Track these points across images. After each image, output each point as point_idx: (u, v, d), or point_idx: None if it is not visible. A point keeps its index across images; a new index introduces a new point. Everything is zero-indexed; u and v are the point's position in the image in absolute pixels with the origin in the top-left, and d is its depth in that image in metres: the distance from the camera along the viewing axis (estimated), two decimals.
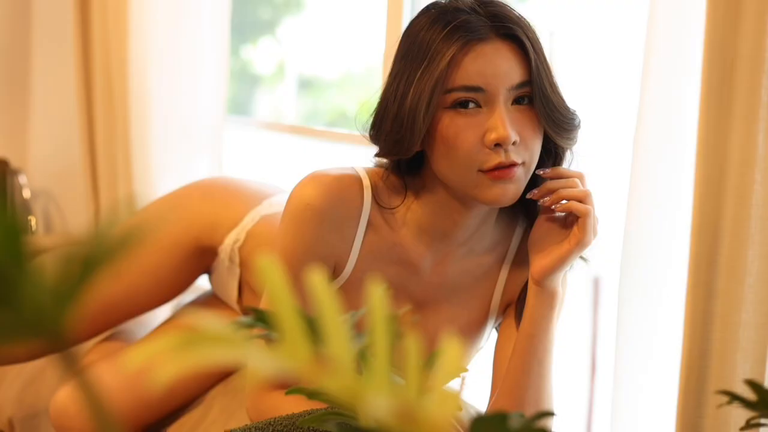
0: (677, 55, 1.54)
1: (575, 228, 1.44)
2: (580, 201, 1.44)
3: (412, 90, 1.40)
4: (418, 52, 1.41)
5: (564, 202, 1.46)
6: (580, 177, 1.47)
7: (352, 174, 1.52)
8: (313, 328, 0.76)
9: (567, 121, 1.44)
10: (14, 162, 3.22)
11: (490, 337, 1.66)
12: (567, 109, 1.45)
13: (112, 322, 1.94)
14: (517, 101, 1.42)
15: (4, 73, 3.33)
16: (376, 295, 0.71)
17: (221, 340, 0.68)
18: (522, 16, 1.43)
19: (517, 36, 1.40)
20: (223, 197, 1.87)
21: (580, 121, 1.47)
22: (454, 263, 1.56)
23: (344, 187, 1.49)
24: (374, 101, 1.50)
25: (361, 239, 1.51)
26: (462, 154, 1.40)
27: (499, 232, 1.59)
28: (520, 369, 1.48)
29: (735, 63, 1.41)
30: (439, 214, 1.51)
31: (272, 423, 1.46)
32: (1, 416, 2.32)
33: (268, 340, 1.00)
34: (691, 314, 1.45)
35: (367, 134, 1.50)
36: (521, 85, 1.41)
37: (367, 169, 1.55)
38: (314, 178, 1.49)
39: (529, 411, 1.47)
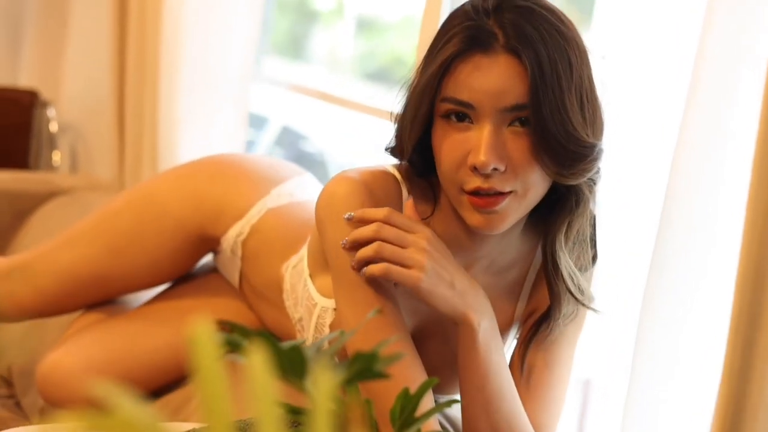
0: (729, 81, 1.40)
1: None
2: (387, 258, 1.28)
3: (411, 92, 1.33)
4: (432, 48, 1.32)
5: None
6: (386, 218, 1.31)
7: (390, 172, 1.42)
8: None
9: (566, 154, 1.27)
10: (46, 94, 3.16)
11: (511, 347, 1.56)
12: (572, 140, 1.27)
13: (105, 295, 1.87)
14: (519, 122, 1.28)
15: (43, 5, 3.27)
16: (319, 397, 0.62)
17: (132, 429, 0.59)
18: (548, 28, 1.26)
19: (525, 54, 1.25)
20: (231, 182, 1.76)
21: (591, 157, 1.30)
22: (476, 276, 1.45)
23: (388, 186, 1.40)
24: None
25: None
26: (445, 169, 1.30)
27: (525, 245, 1.48)
28: (465, 398, 1.37)
29: None
30: (454, 223, 1.40)
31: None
32: (1, 361, 2.29)
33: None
34: (729, 370, 1.30)
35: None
36: (517, 107, 1.27)
37: (398, 168, 1.44)
38: (344, 176, 1.38)
39: None
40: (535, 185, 1.30)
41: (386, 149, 1.40)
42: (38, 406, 2.00)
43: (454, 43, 1.27)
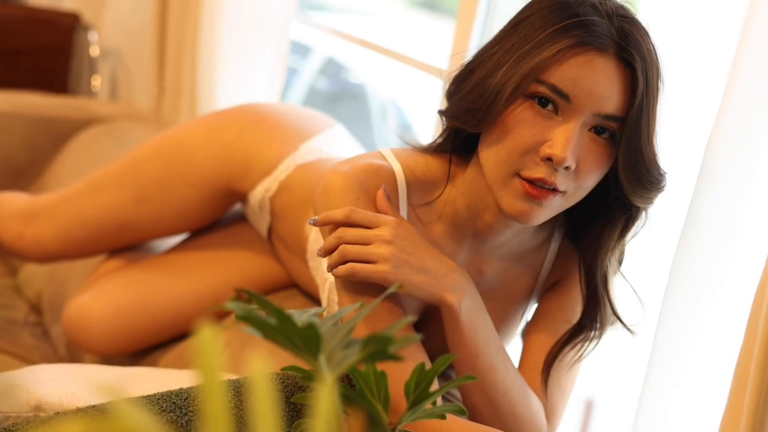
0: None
1: None
2: (352, 259, 1.27)
3: (508, 64, 1.25)
4: (533, 29, 1.25)
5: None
6: (347, 218, 1.29)
7: (384, 165, 1.38)
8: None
9: (650, 179, 1.28)
10: (88, 18, 3.14)
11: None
12: (656, 166, 1.28)
13: (130, 241, 1.87)
14: (597, 130, 1.26)
15: None
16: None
17: None
18: (654, 50, 1.26)
19: (633, 66, 1.23)
20: (260, 137, 1.73)
21: (665, 185, 1.31)
22: (491, 262, 1.44)
23: (381, 179, 1.36)
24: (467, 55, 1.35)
25: None
26: (510, 147, 1.26)
27: (540, 234, 1.47)
28: (461, 372, 1.36)
29: None
30: (474, 210, 1.37)
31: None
32: (31, 287, 2.31)
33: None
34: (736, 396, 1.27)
35: (446, 86, 1.36)
36: (611, 117, 1.25)
37: (399, 154, 1.41)
38: (338, 172, 1.35)
39: (487, 412, 1.36)
40: (584, 191, 1.29)
41: (444, 113, 1.35)
42: (66, 337, 2.02)
43: (573, 35, 1.23)
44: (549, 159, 1.24)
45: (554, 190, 1.26)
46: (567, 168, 1.24)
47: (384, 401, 1.14)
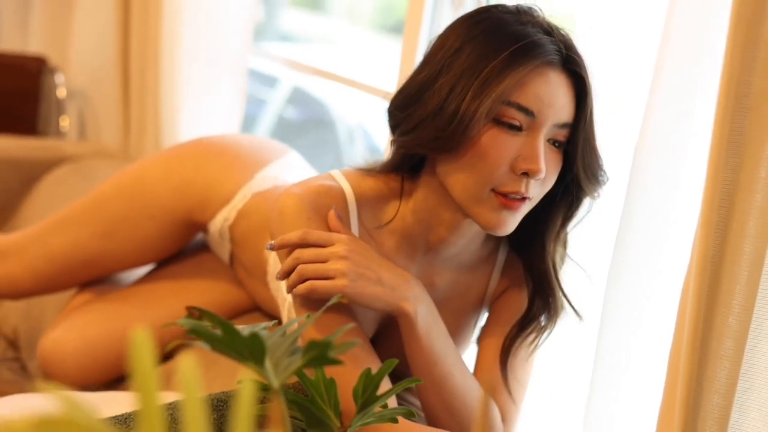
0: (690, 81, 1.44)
1: None
2: (310, 277, 1.34)
3: (472, 91, 1.31)
4: (483, 52, 1.32)
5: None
6: (301, 240, 1.36)
7: (334, 186, 1.45)
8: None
9: (602, 173, 1.41)
10: (54, 60, 3.20)
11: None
12: (602, 161, 1.41)
13: (99, 275, 1.94)
14: (552, 141, 1.36)
15: None
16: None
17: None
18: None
19: (580, 74, 1.35)
20: (216, 168, 1.81)
21: (608, 178, 1.43)
22: (443, 274, 1.52)
23: (332, 200, 1.43)
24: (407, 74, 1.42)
25: None
26: (486, 169, 1.33)
27: (488, 244, 1.55)
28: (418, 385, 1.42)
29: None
30: (426, 224, 1.45)
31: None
32: (8, 324, 2.36)
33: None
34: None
35: (390, 114, 1.42)
36: (565, 125, 1.36)
37: (348, 174, 1.48)
38: (290, 195, 1.42)
39: (444, 417, 1.43)
40: (543, 193, 1.39)
41: (399, 141, 1.41)
42: (40, 372, 2.07)
43: (535, 55, 1.31)
44: (524, 173, 1.33)
45: (525, 198, 1.35)
46: (539, 179, 1.34)
47: (334, 407, 1.21)
